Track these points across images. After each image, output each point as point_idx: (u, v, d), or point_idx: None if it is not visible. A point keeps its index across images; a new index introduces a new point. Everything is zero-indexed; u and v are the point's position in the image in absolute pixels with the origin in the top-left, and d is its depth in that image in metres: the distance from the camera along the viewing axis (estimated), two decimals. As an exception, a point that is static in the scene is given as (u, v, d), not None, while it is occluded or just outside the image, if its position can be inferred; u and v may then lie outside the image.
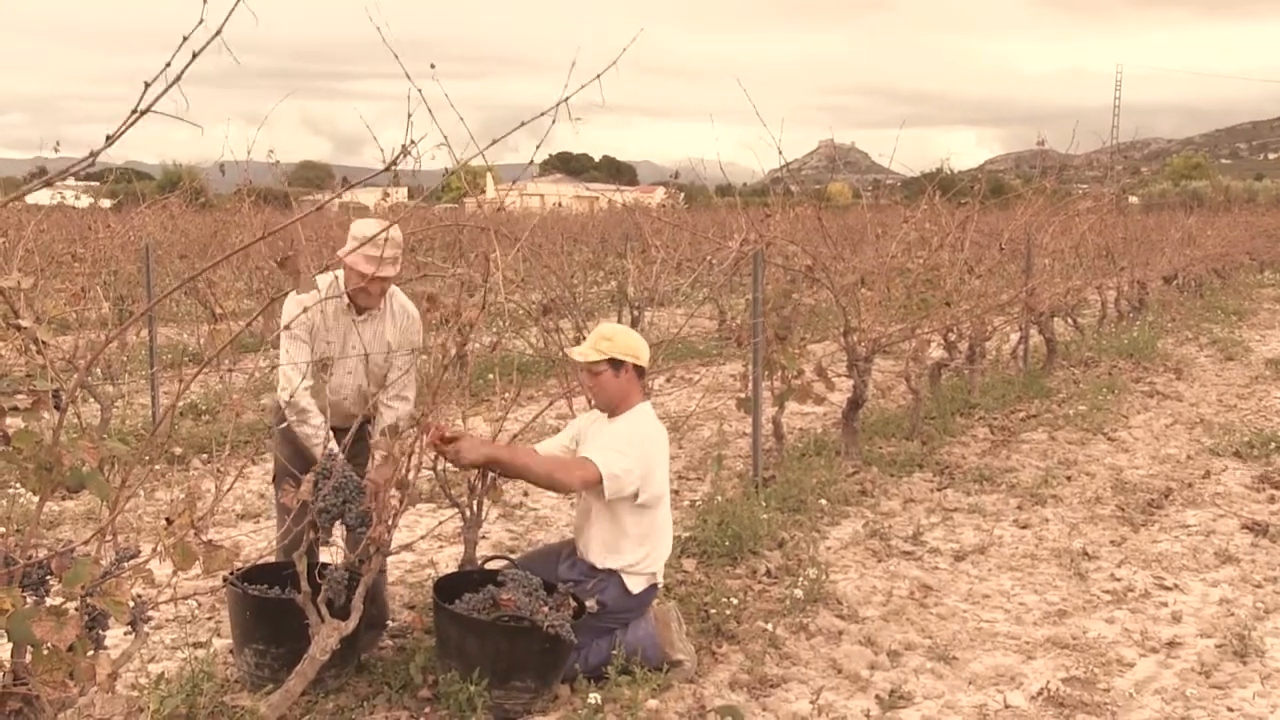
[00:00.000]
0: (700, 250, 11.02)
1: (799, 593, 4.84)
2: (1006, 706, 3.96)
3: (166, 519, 2.80)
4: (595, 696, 3.76)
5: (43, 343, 2.60)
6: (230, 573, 3.62)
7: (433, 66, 3.03)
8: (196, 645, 4.28)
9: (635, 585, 4.09)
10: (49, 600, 2.54)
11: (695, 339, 12.60)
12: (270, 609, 3.80)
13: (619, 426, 4.11)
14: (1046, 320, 10.94)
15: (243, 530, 5.80)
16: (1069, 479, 7.15)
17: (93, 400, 7.47)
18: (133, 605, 2.64)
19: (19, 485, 2.56)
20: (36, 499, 2.52)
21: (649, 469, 4.05)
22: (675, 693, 3.95)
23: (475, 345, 4.19)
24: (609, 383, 4.13)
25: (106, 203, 15.40)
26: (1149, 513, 6.45)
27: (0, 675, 2.51)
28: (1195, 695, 4.07)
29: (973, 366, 9.68)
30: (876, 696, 4.00)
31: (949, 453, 7.79)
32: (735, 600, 4.76)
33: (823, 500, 6.36)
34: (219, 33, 2.02)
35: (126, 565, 2.64)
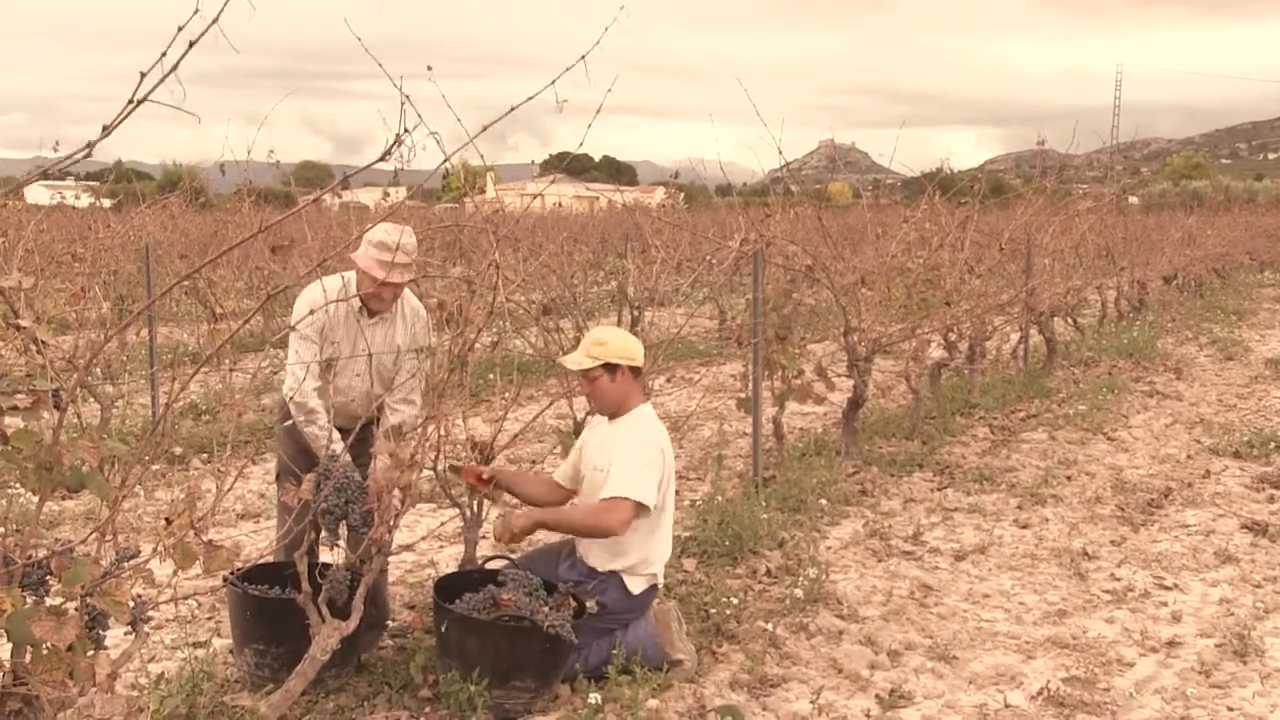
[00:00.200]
0: (700, 250, 11.02)
1: (799, 592, 4.84)
2: (1007, 706, 3.96)
3: (166, 519, 2.80)
4: (595, 696, 3.76)
5: (42, 342, 2.60)
6: (230, 573, 3.62)
7: (429, 69, 3.04)
8: (196, 645, 4.28)
9: (636, 586, 4.09)
10: (49, 600, 2.54)
11: (695, 339, 12.60)
12: (270, 609, 3.80)
13: (627, 438, 4.07)
14: (1046, 320, 10.94)
15: (243, 530, 5.80)
16: (1069, 479, 7.15)
17: (92, 400, 7.47)
18: (133, 605, 2.64)
19: (18, 485, 2.56)
20: (36, 499, 2.52)
21: (665, 472, 4.07)
22: (675, 692, 3.95)
23: (476, 345, 4.19)
24: (606, 388, 4.13)
25: (106, 202, 15.39)
26: (1149, 512, 6.45)
27: (0, 675, 2.51)
28: (1195, 695, 4.07)
29: (973, 366, 9.68)
30: (877, 696, 4.00)
31: (949, 452, 7.79)
32: (735, 600, 4.76)
33: (823, 500, 6.36)
34: (215, 21, 2.00)
35: (126, 565, 2.64)
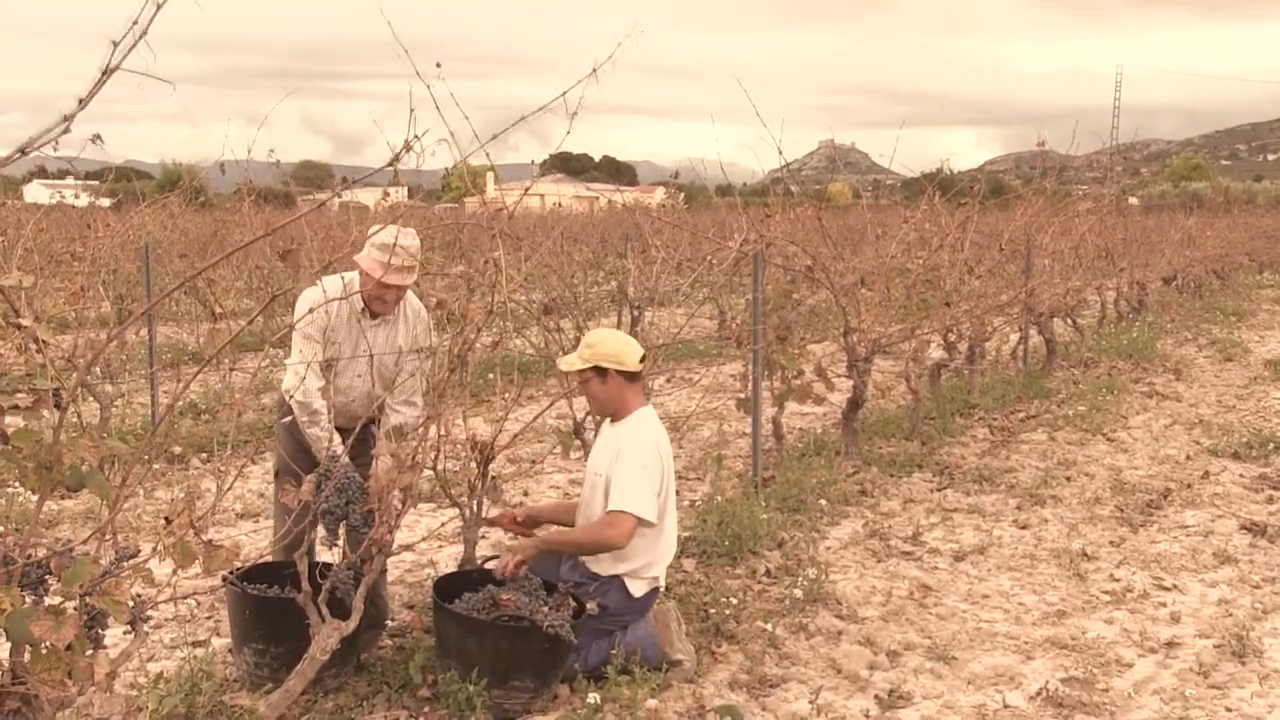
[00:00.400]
0: (700, 250, 11.01)
1: (798, 593, 4.84)
2: (1005, 706, 3.96)
3: (166, 518, 2.80)
4: (595, 696, 3.76)
5: (42, 341, 2.60)
6: (230, 572, 3.62)
7: (438, 65, 3.03)
8: (196, 644, 4.27)
9: (637, 589, 4.09)
10: (48, 599, 2.54)
11: (695, 339, 12.59)
12: (269, 608, 3.80)
13: (623, 446, 4.06)
14: (1046, 321, 10.94)
15: (242, 530, 5.80)
16: (1068, 479, 7.16)
17: (92, 399, 7.47)
18: (132, 604, 2.64)
19: (18, 484, 2.56)
20: (36, 498, 2.52)
21: (663, 477, 4.06)
22: (675, 692, 3.95)
23: (477, 345, 4.19)
24: (597, 390, 4.14)
25: (106, 201, 15.37)
26: (1148, 513, 6.45)
27: (-1, 674, 2.51)
28: (1194, 695, 4.07)
29: (972, 367, 9.68)
30: (876, 696, 4.00)
31: (948, 453, 7.79)
32: (735, 600, 4.76)
33: (822, 500, 6.36)
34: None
35: (126, 564, 2.63)
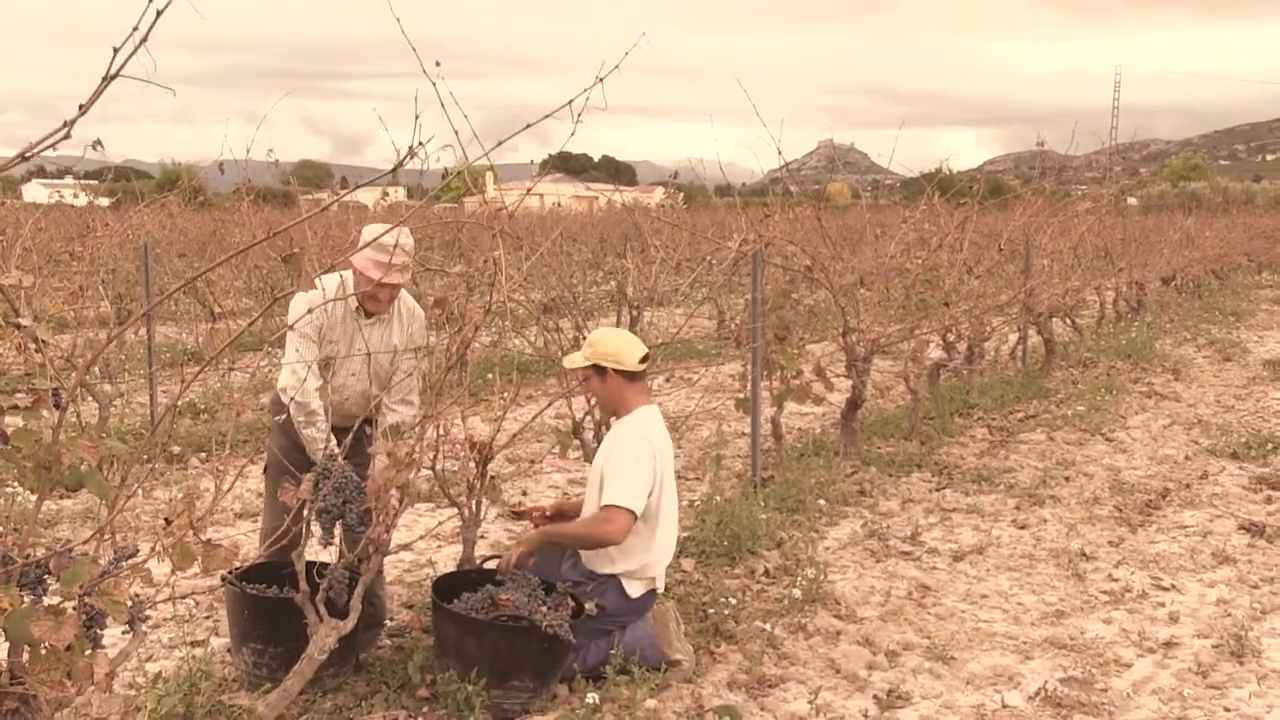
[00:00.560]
0: (699, 250, 11.01)
1: (797, 593, 4.84)
2: (1004, 706, 3.96)
3: (165, 518, 2.80)
4: (593, 696, 3.76)
5: (42, 341, 2.60)
6: (228, 572, 3.62)
7: (438, 64, 3.02)
8: (194, 644, 4.27)
9: (634, 590, 4.09)
10: (46, 599, 2.54)
11: (694, 339, 12.60)
12: (268, 608, 3.80)
13: (617, 442, 4.08)
14: (1045, 321, 10.95)
15: (241, 529, 5.80)
16: (1067, 479, 7.16)
17: (91, 399, 7.47)
18: (130, 604, 2.64)
19: (17, 484, 2.56)
20: (35, 498, 2.52)
21: (657, 473, 4.05)
22: (673, 692, 3.95)
23: (476, 345, 4.19)
24: (597, 389, 4.17)
25: (105, 201, 15.36)
26: (1146, 513, 6.46)
27: (-2, 674, 2.51)
28: (1192, 695, 4.08)
29: (971, 367, 9.68)
30: (874, 696, 4.01)
31: (947, 453, 7.80)
32: (734, 600, 4.76)
33: (821, 500, 6.37)
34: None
35: (125, 564, 2.63)
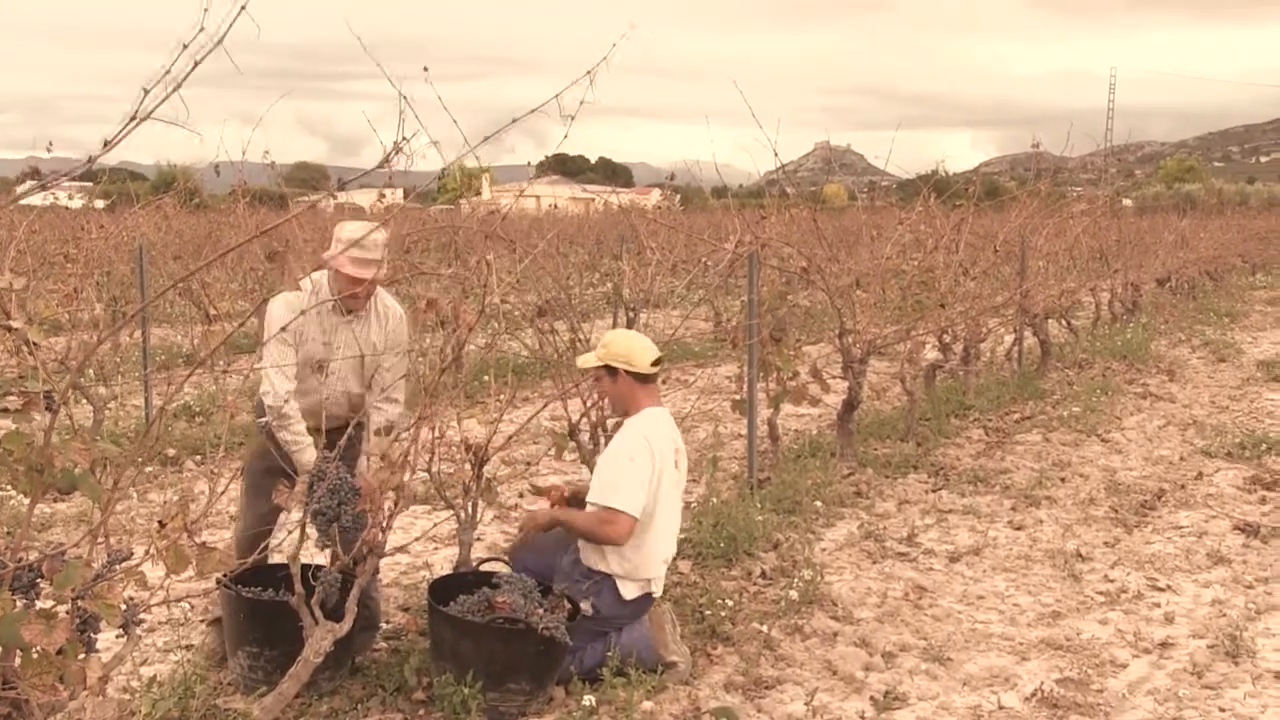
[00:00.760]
0: (696, 252, 11.03)
1: (794, 594, 4.84)
2: (1001, 707, 3.96)
3: (159, 521, 2.79)
4: (590, 698, 3.76)
5: (35, 344, 2.59)
6: (223, 575, 3.61)
7: (425, 70, 3.03)
8: (189, 648, 4.26)
9: (629, 592, 4.09)
10: (39, 603, 2.53)
11: (691, 341, 12.59)
12: (264, 611, 3.79)
13: (618, 442, 4.12)
14: (1041, 322, 10.96)
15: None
16: (1063, 480, 7.16)
17: (85, 401, 7.45)
18: (124, 608, 2.63)
19: (10, 487, 2.55)
20: (27, 501, 2.51)
21: (655, 474, 4.05)
22: (670, 694, 3.94)
23: (471, 346, 4.19)
24: (608, 388, 4.24)
25: (100, 203, 15.34)
26: (1142, 514, 6.46)
27: (-10, 678, 2.50)
28: (1188, 696, 4.08)
29: (967, 368, 9.69)
30: (871, 698, 4.00)
31: (944, 454, 7.80)
32: (730, 602, 4.75)
33: (818, 502, 6.36)
34: (220, 42, 2.02)
35: (118, 568, 2.62)
